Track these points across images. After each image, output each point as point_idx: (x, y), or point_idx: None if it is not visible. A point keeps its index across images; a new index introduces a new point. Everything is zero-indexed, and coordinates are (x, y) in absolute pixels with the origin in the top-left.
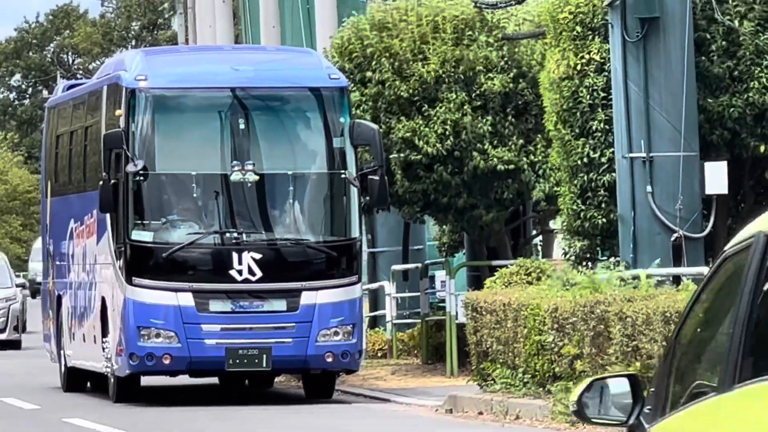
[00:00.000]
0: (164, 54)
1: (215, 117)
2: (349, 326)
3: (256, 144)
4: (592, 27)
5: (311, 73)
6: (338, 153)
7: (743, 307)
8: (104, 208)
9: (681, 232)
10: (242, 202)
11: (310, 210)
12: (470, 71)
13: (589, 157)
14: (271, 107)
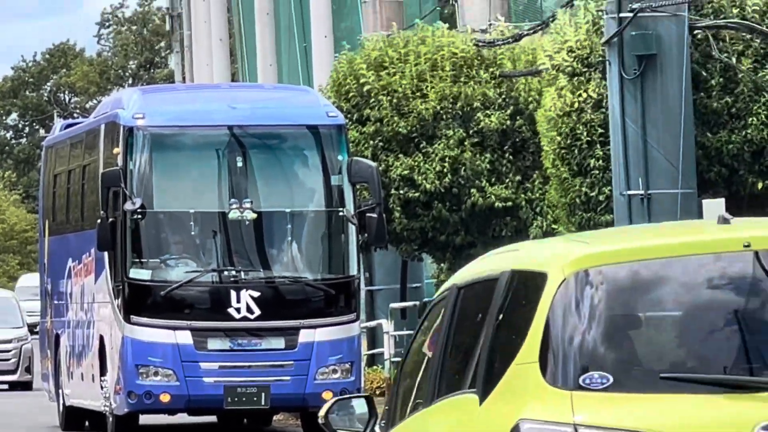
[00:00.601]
0: (161, 92)
1: (213, 155)
2: (348, 364)
3: (254, 182)
4: (589, 64)
5: (309, 111)
6: (336, 191)
7: (440, 342)
8: (102, 246)
9: None
10: (240, 240)
11: (308, 248)
12: (468, 108)
13: (587, 195)
14: (268, 145)
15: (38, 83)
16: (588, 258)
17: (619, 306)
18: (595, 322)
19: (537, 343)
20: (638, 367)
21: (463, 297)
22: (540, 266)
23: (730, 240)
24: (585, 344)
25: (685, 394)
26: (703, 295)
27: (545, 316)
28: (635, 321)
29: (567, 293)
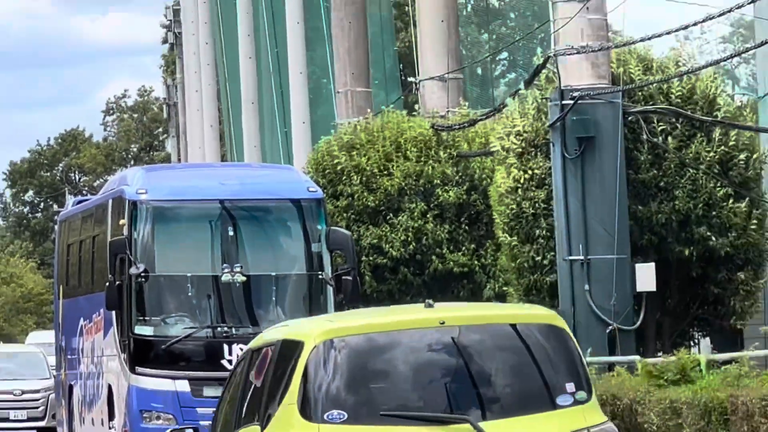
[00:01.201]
0: (161, 170)
1: (207, 226)
2: None
3: (243, 249)
4: (535, 145)
5: (291, 186)
6: (316, 257)
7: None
8: (110, 306)
9: (615, 324)
10: (231, 300)
11: (291, 307)
12: (429, 185)
13: (534, 260)
14: (255, 216)
15: (52, 164)
16: (331, 331)
17: (354, 364)
18: (337, 376)
19: (296, 390)
20: (366, 407)
21: (252, 357)
22: (299, 337)
23: (430, 319)
24: (329, 391)
25: (399, 426)
26: (414, 357)
27: (302, 372)
28: (366, 375)
29: (317, 355)
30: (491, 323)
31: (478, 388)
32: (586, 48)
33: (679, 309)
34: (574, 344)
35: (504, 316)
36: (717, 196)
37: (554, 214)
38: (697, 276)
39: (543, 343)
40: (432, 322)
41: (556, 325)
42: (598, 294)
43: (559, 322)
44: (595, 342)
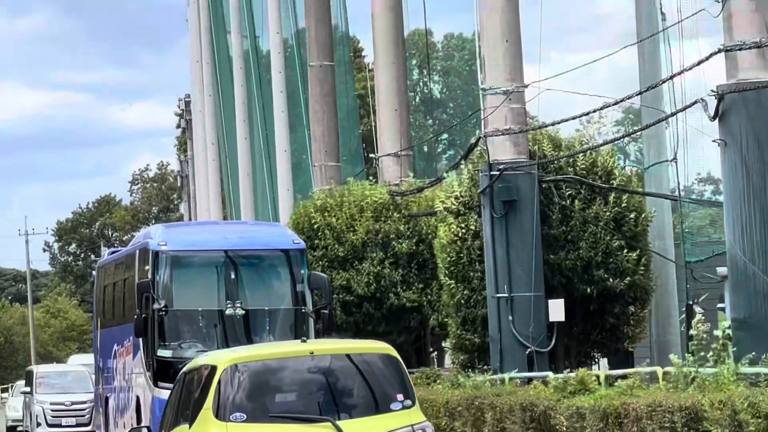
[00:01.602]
0: (178, 227)
1: (214, 270)
2: None
3: (243, 289)
4: (469, 207)
5: (280, 239)
6: (300, 295)
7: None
8: (138, 334)
9: (532, 348)
10: (233, 329)
11: (280, 334)
12: (386, 238)
13: (468, 298)
14: (252, 263)
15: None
16: (235, 359)
17: (251, 381)
18: (239, 389)
19: (212, 399)
20: (260, 411)
21: (186, 378)
22: (215, 363)
23: (304, 350)
24: (234, 400)
25: (283, 424)
26: (292, 376)
27: (216, 386)
28: (259, 388)
29: (226, 375)
30: (345, 353)
31: (336, 398)
32: (509, 130)
33: (582, 335)
34: (403, 367)
35: (354, 348)
36: (612, 247)
37: (485, 260)
38: (597, 309)
39: (381, 367)
40: (305, 352)
41: (391, 354)
42: (519, 324)
43: (393, 352)
44: (517, 362)
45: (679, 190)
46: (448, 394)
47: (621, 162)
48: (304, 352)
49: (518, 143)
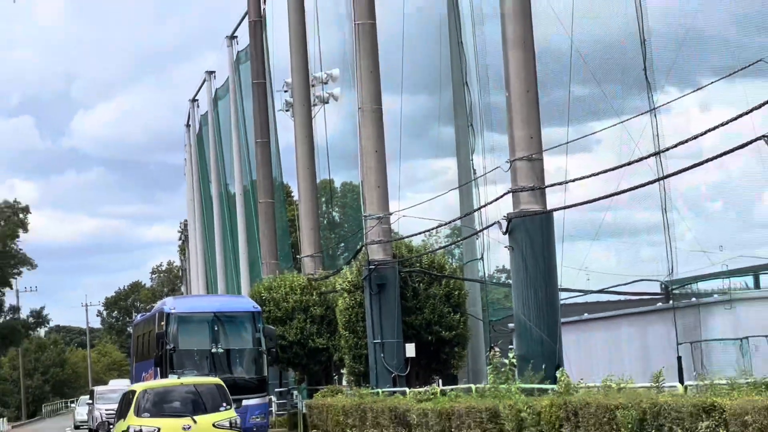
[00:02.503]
0: (183, 298)
1: (206, 325)
2: (263, 415)
3: (225, 335)
4: (357, 287)
5: (246, 305)
6: (257, 340)
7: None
8: (157, 364)
9: (395, 373)
10: (216, 361)
11: (246, 364)
12: (307, 306)
13: (356, 343)
14: (230, 320)
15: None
16: (145, 387)
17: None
18: (147, 401)
19: (134, 406)
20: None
21: (124, 396)
22: (135, 388)
23: (180, 381)
24: (145, 407)
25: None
26: (174, 395)
27: (136, 402)
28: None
29: (141, 395)
30: (199, 383)
31: (193, 405)
32: (381, 241)
33: (426, 365)
34: (226, 390)
35: (202, 381)
36: (444, 312)
37: (366, 320)
38: (434, 350)
39: (215, 390)
40: (179, 383)
41: (220, 384)
42: (387, 358)
43: (221, 383)
44: (386, 381)
45: (485, 276)
46: (344, 401)
47: (449, 260)
48: (179, 383)
49: (386, 249)
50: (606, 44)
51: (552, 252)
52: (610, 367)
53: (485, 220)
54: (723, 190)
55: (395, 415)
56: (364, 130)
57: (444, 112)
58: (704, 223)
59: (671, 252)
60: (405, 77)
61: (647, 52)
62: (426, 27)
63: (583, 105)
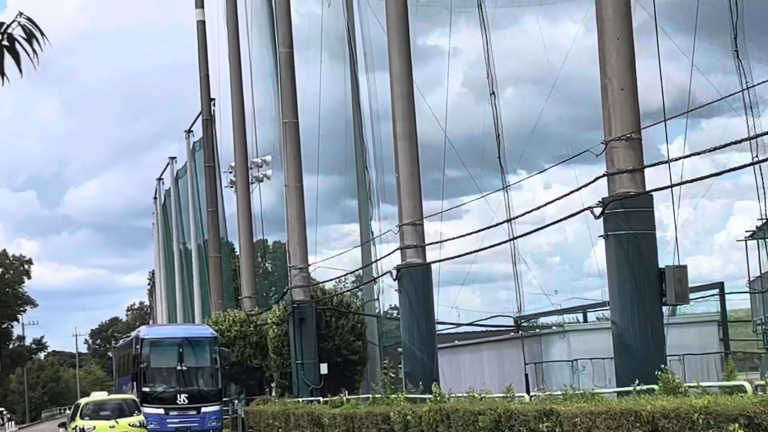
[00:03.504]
0: (155, 327)
1: (175, 348)
2: (218, 419)
3: (188, 356)
4: (283, 320)
5: (206, 332)
6: (215, 360)
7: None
8: (133, 379)
9: (313, 386)
10: (182, 376)
11: (205, 378)
12: (246, 335)
13: (282, 363)
14: (193, 344)
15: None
16: (86, 400)
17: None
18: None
19: (79, 413)
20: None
21: (74, 406)
22: (79, 402)
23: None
24: (86, 413)
25: (100, 421)
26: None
27: (81, 410)
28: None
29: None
30: (120, 399)
31: (117, 412)
32: (302, 285)
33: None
34: (137, 402)
35: (123, 398)
36: (350, 340)
37: (290, 346)
38: (342, 369)
39: (131, 402)
40: (108, 399)
41: (134, 399)
42: (306, 375)
43: (134, 398)
44: (306, 393)
45: (380, 312)
46: (273, 408)
47: (354, 300)
48: (108, 398)
49: (306, 291)
50: (471, 137)
51: (430, 294)
52: (474, 382)
53: (381, 269)
54: (561, 248)
55: (312, 418)
56: (289, 202)
57: (349, 188)
58: (546, 273)
59: (520, 295)
60: (320, 162)
61: (501, 143)
62: (336, 124)
63: (455, 183)
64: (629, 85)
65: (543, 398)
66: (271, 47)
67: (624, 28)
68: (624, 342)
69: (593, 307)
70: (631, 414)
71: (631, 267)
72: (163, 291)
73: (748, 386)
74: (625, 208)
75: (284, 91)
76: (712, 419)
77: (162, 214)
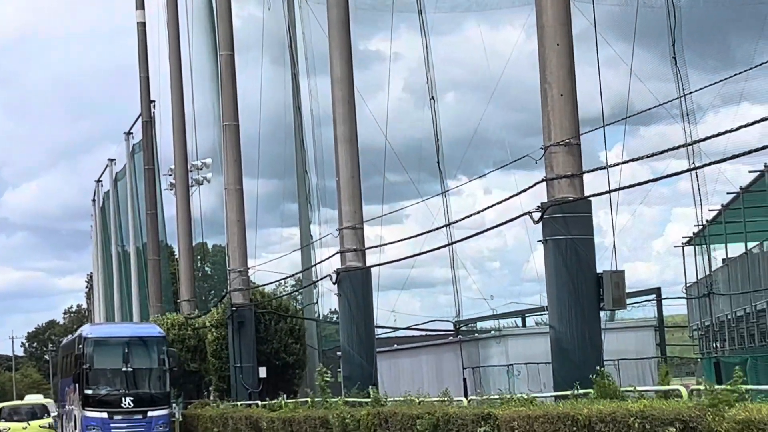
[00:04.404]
0: (99, 325)
1: (119, 348)
2: (165, 425)
3: (134, 356)
4: (222, 324)
5: (153, 331)
6: (163, 360)
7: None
8: (75, 381)
9: (251, 389)
10: (128, 378)
11: (152, 381)
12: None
13: (221, 366)
14: (140, 343)
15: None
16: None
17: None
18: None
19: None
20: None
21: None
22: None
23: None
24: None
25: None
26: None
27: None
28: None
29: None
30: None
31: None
32: (241, 289)
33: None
34: (47, 407)
35: (36, 402)
36: (289, 343)
37: (229, 349)
38: (280, 372)
39: (42, 406)
40: (22, 403)
41: (44, 404)
42: (245, 378)
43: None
44: (244, 396)
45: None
46: (211, 411)
47: (293, 303)
48: (22, 403)
49: (245, 295)
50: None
51: (370, 298)
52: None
53: (320, 273)
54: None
55: (250, 422)
56: (229, 205)
57: (290, 192)
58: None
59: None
60: (261, 165)
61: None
62: (277, 128)
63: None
64: (569, 91)
65: (481, 402)
66: (212, 50)
67: (564, 34)
68: (562, 346)
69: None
70: (568, 418)
71: (570, 272)
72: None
73: (684, 391)
74: (563, 213)
75: (225, 93)
76: (648, 423)
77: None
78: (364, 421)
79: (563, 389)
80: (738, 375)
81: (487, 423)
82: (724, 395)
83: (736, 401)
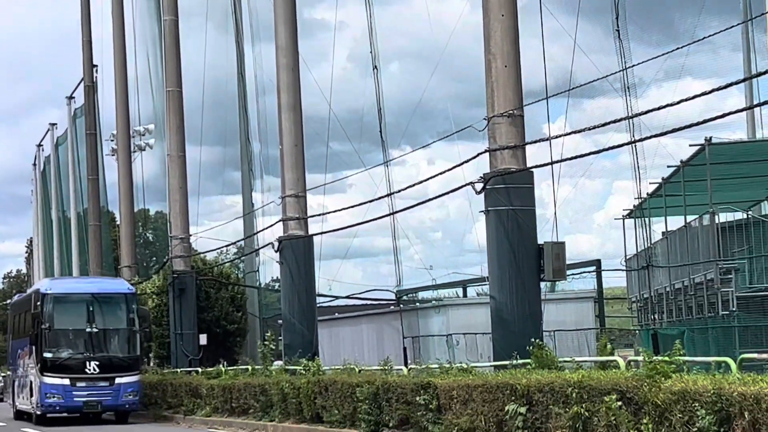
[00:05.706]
0: (60, 279)
1: (83, 306)
2: (135, 393)
3: (100, 315)
4: (163, 291)
5: (122, 287)
6: (133, 320)
7: None
8: (32, 343)
9: (191, 356)
10: (93, 340)
11: (121, 343)
12: None
13: (162, 333)
14: (107, 300)
15: None
16: None
17: None
18: None
19: None
20: None
21: None
22: None
23: None
24: None
25: None
26: None
27: None
28: None
29: None
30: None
31: None
32: (183, 256)
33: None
34: None
35: None
36: (230, 311)
37: (169, 316)
38: (222, 339)
39: None
40: None
41: None
42: (185, 345)
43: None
44: (184, 363)
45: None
46: (151, 378)
47: (235, 271)
48: None
49: (187, 262)
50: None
51: (312, 267)
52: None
53: (262, 241)
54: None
55: (190, 389)
56: (171, 172)
57: (232, 160)
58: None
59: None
60: (204, 133)
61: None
62: (220, 95)
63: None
64: (513, 63)
65: (420, 371)
66: (156, 15)
67: (509, 5)
68: (502, 317)
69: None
70: (507, 387)
71: (511, 242)
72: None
73: (621, 361)
74: (506, 184)
75: (168, 59)
76: (586, 393)
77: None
78: (304, 389)
79: (502, 359)
80: (677, 348)
81: (427, 392)
82: (661, 366)
83: (673, 372)
